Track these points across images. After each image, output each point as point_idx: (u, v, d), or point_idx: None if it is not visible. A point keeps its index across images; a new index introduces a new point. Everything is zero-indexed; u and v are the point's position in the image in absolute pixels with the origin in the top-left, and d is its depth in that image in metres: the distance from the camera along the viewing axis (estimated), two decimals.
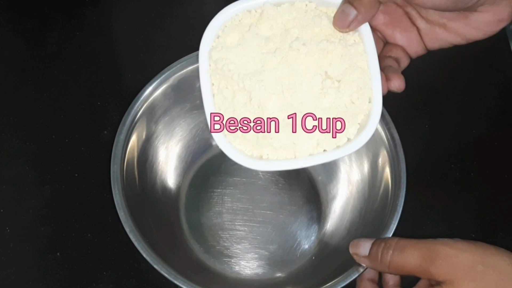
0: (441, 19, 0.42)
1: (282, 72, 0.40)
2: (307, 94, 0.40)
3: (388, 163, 0.50)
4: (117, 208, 0.46)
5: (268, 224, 0.55)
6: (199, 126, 0.56)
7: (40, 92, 0.60)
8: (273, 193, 0.56)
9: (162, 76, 0.51)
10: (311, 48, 0.39)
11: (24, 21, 0.63)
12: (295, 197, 0.57)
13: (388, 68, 0.41)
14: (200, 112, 0.41)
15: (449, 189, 0.58)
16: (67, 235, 0.53)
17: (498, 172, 0.59)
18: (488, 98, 0.63)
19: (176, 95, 0.53)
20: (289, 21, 0.41)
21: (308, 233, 0.55)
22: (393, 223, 0.47)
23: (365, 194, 0.53)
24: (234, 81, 0.40)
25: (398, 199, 0.48)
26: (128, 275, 0.52)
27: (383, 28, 0.43)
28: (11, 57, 0.62)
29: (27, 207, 0.54)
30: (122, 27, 0.64)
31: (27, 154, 0.57)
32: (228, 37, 0.41)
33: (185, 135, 0.56)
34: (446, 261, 0.37)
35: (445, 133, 0.60)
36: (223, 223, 0.55)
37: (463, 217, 0.56)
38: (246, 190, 0.56)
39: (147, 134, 0.53)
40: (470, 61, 0.64)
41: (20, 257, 0.52)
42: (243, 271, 0.54)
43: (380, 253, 0.40)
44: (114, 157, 0.48)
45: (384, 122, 0.50)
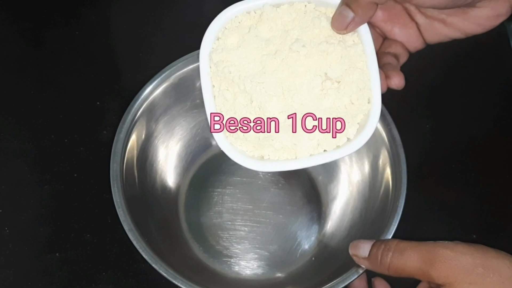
0: (440, 15, 0.42)
1: (283, 74, 0.40)
2: (308, 96, 0.40)
3: (389, 163, 0.50)
4: (116, 206, 0.46)
5: (268, 224, 0.55)
6: (200, 125, 0.56)
7: (39, 92, 0.59)
8: (274, 193, 0.56)
9: (162, 74, 0.51)
10: (310, 50, 0.39)
11: (23, 21, 0.63)
12: (296, 198, 0.56)
13: (388, 65, 0.41)
14: (201, 111, 0.41)
15: (450, 189, 0.58)
16: (66, 235, 0.53)
17: (499, 172, 0.59)
18: (489, 98, 0.62)
19: (176, 94, 0.53)
20: (288, 22, 0.41)
21: (308, 233, 0.55)
22: (394, 224, 0.47)
23: (366, 195, 0.53)
24: (235, 83, 0.40)
25: (399, 200, 0.48)
26: (128, 276, 0.52)
27: (382, 25, 0.43)
28: (10, 57, 0.61)
29: (26, 207, 0.54)
30: (121, 27, 0.64)
31: (26, 154, 0.56)
32: (228, 39, 0.41)
33: (185, 134, 0.56)
34: (446, 264, 0.37)
35: (445, 133, 0.60)
36: (223, 223, 0.55)
37: (464, 217, 0.56)
38: (246, 190, 0.56)
39: (147, 133, 0.53)
40: (471, 61, 0.64)
41: (19, 258, 0.52)
42: (242, 271, 0.54)
43: (380, 255, 0.40)
44: (113, 156, 0.48)
45: (385, 123, 0.50)
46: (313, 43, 0.40)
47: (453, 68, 0.64)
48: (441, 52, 0.65)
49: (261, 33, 0.41)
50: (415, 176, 0.50)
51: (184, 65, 0.51)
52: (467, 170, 0.59)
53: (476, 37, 0.65)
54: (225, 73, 0.40)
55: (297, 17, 0.41)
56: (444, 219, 0.56)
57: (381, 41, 0.44)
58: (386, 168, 0.50)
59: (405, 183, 0.48)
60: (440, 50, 0.62)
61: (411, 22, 0.43)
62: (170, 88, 0.52)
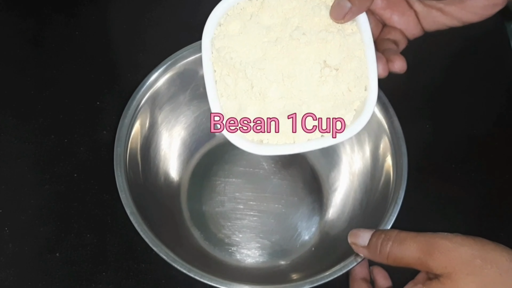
0: (438, 4, 0.43)
1: (283, 61, 0.41)
2: (307, 82, 0.41)
3: (390, 155, 0.51)
4: (119, 190, 0.46)
5: (270, 214, 0.56)
6: (204, 115, 0.57)
7: (39, 92, 0.59)
8: (276, 183, 0.57)
9: (168, 63, 0.51)
10: (310, 38, 0.41)
11: (23, 20, 0.63)
12: (297, 188, 0.57)
13: (388, 50, 0.42)
14: (205, 100, 0.42)
15: (450, 189, 0.58)
16: (66, 235, 0.53)
17: (500, 172, 0.59)
18: (489, 98, 0.62)
19: (181, 83, 0.53)
20: (289, 10, 0.42)
21: (309, 224, 0.56)
22: (393, 215, 0.47)
23: (367, 186, 0.54)
24: (236, 69, 0.41)
25: (399, 191, 0.48)
26: (128, 276, 0.52)
27: (382, 12, 0.44)
28: (10, 57, 0.62)
29: (26, 208, 0.54)
30: (121, 26, 0.64)
31: (26, 154, 0.56)
32: (230, 25, 0.42)
33: (189, 123, 0.57)
34: (444, 254, 0.37)
35: (446, 132, 0.60)
36: (225, 212, 0.56)
37: (464, 217, 0.56)
38: (249, 180, 0.57)
39: (151, 121, 0.53)
40: (472, 60, 0.64)
41: (19, 258, 0.52)
42: (244, 259, 0.54)
43: (380, 244, 0.40)
44: (117, 140, 0.48)
45: (388, 115, 0.51)
46: (313, 31, 0.41)
47: (453, 68, 0.64)
48: (442, 52, 0.65)
49: (262, 20, 0.42)
50: (416, 175, 0.50)
51: (190, 54, 0.52)
52: (467, 169, 0.59)
53: (476, 37, 0.65)
54: (227, 59, 0.41)
55: (298, 5, 0.42)
56: (444, 218, 0.56)
57: (380, 28, 0.45)
58: (388, 159, 0.51)
59: (406, 174, 0.49)
60: (440, 50, 0.62)
61: (410, 10, 0.44)
62: (175, 76, 0.52)
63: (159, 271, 0.52)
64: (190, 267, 0.45)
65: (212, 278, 0.45)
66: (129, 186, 0.47)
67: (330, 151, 0.57)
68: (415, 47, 0.66)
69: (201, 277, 0.44)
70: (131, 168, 0.49)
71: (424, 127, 0.60)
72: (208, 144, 0.58)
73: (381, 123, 0.52)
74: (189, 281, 0.51)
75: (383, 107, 0.51)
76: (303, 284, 0.45)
